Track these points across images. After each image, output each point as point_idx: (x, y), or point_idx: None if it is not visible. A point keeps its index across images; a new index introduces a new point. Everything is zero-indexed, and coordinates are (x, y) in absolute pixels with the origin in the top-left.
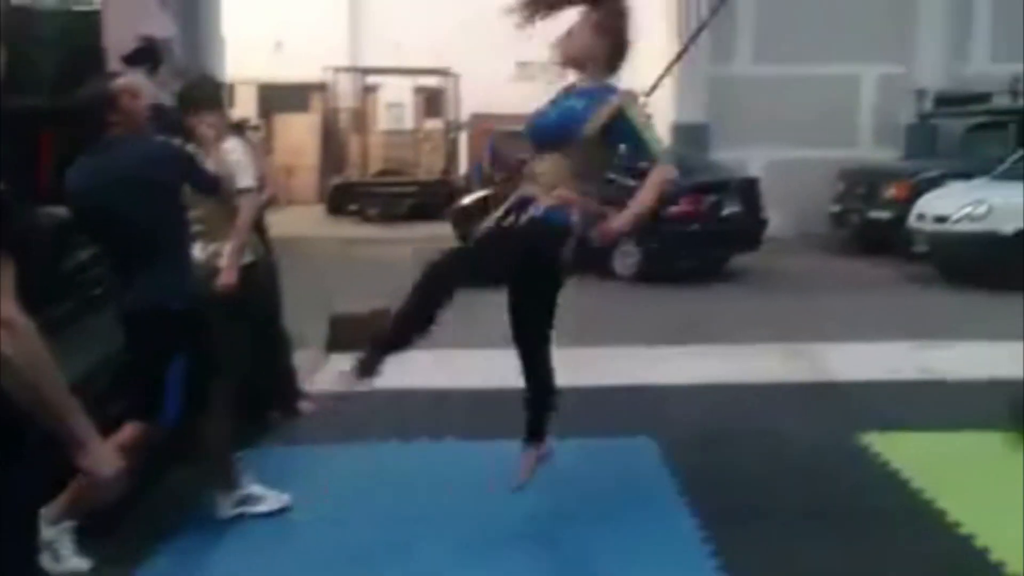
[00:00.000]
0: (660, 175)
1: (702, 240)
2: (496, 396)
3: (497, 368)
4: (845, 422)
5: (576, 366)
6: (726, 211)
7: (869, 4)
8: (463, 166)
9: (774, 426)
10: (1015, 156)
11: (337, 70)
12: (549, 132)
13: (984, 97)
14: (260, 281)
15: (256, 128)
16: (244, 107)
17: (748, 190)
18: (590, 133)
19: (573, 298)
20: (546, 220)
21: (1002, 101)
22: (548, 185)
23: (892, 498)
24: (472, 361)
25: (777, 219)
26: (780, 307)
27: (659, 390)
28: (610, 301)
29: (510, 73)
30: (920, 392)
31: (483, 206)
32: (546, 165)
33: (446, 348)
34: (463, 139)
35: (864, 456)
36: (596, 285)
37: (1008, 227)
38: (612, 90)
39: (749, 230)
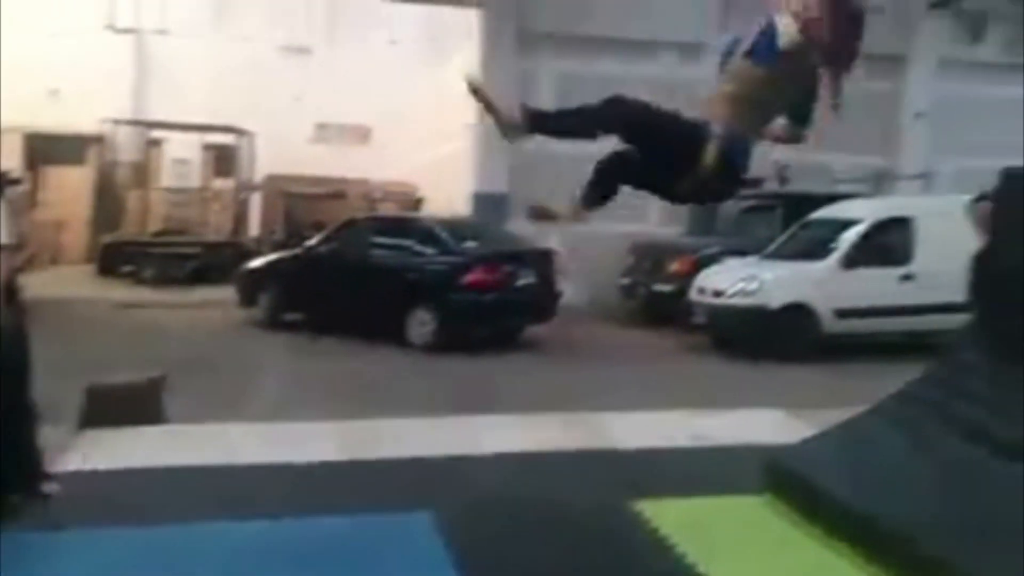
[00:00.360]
0: None
1: (497, 309)
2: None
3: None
4: (620, 489)
5: (358, 438)
6: (521, 281)
7: (656, 91)
8: (254, 228)
9: (552, 495)
10: (781, 237)
11: (117, 122)
12: None
13: (756, 182)
14: (4, 349)
15: (17, 181)
16: (8, 158)
17: (543, 261)
18: None
19: (362, 367)
20: None
21: (771, 186)
22: None
23: (659, 564)
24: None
25: (570, 290)
26: (568, 377)
27: (441, 462)
28: (401, 371)
29: (308, 134)
30: (691, 458)
31: (272, 270)
32: None
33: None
34: (255, 200)
35: (635, 522)
36: (388, 354)
37: (775, 302)
38: None
39: (543, 300)
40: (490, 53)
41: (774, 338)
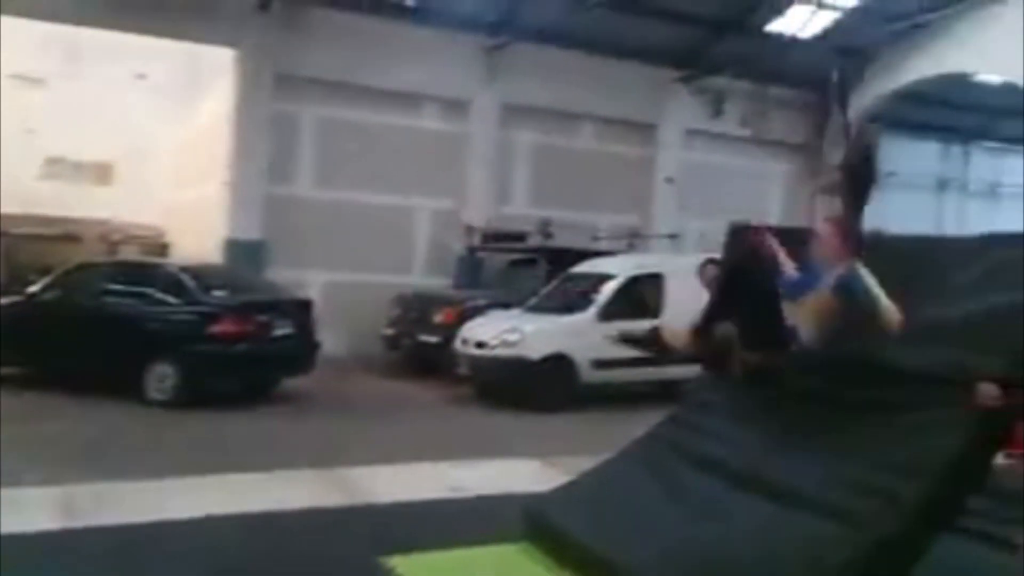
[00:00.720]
0: None
1: (249, 361)
2: None
3: None
4: (374, 545)
5: (78, 504)
6: (277, 332)
7: (424, 145)
8: None
9: (298, 555)
10: (544, 290)
11: None
12: None
13: (521, 236)
14: None
15: None
16: None
17: (301, 311)
18: None
19: (86, 426)
20: None
21: (535, 240)
22: None
23: None
24: None
25: (332, 341)
26: (326, 431)
27: (172, 526)
28: (135, 429)
29: (38, 170)
30: (448, 510)
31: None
32: None
33: None
34: None
35: None
36: (123, 411)
37: (535, 353)
38: None
39: (301, 352)
40: (244, 95)
41: (535, 388)
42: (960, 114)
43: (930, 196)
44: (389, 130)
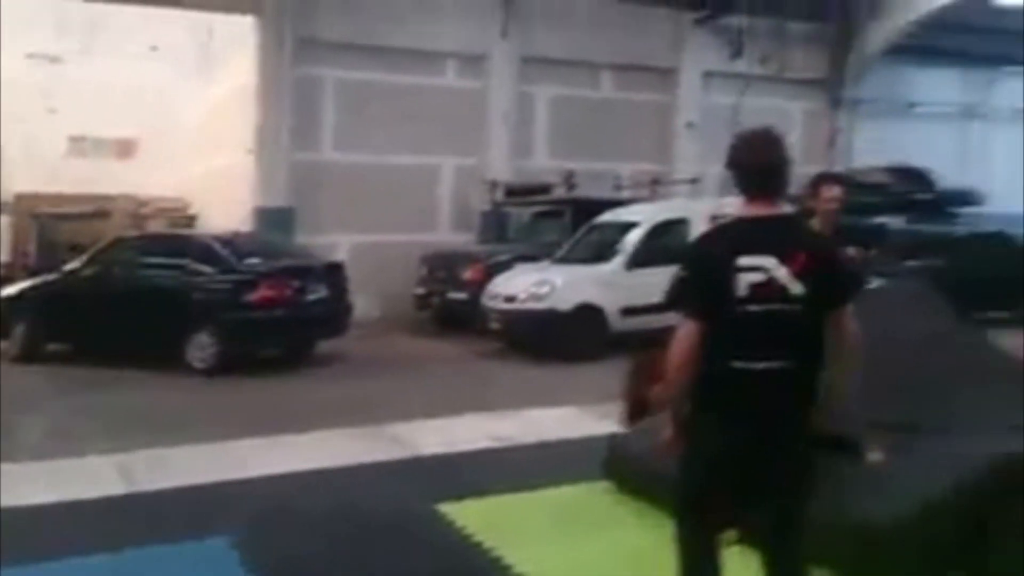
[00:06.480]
0: None
1: (286, 326)
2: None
3: None
4: (425, 494)
5: (143, 469)
6: (311, 296)
7: (444, 103)
8: (3, 253)
9: (357, 505)
10: (571, 241)
11: None
12: None
13: (545, 188)
14: None
15: None
16: None
17: (333, 274)
18: None
19: (139, 396)
20: None
21: (559, 192)
22: None
23: (469, 561)
24: None
25: (363, 302)
26: (366, 390)
27: (235, 485)
28: (183, 397)
29: (63, 149)
30: (491, 458)
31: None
32: None
33: None
34: (3, 221)
35: (441, 524)
36: (168, 380)
37: (565, 304)
38: None
39: (335, 315)
40: (266, 61)
41: (565, 339)
42: (981, 39)
43: (954, 126)
44: (409, 90)
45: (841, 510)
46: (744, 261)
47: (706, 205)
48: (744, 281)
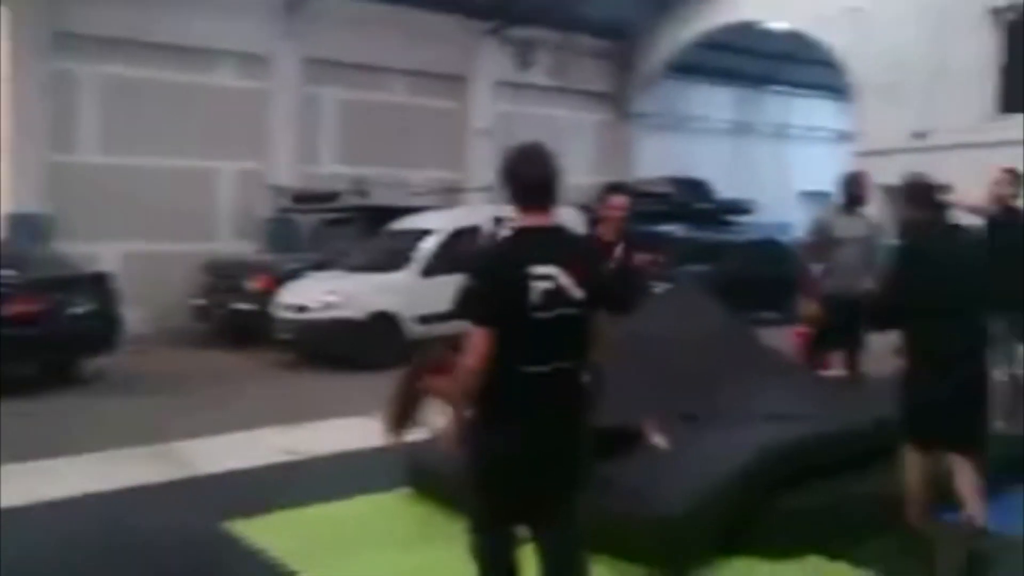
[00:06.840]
0: None
1: (42, 344)
2: None
3: None
4: (213, 513)
5: None
6: (72, 310)
7: (222, 104)
8: None
9: (139, 529)
10: (364, 248)
11: None
12: None
13: (335, 195)
14: None
15: None
16: None
17: (99, 286)
18: None
19: None
20: None
21: (350, 199)
22: None
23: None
24: None
25: (136, 315)
26: (143, 408)
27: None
28: None
29: None
30: (283, 473)
31: None
32: None
33: None
34: None
35: (227, 542)
36: None
37: (360, 313)
38: None
39: (102, 329)
40: (18, 54)
41: (360, 348)
42: (751, 60)
43: (727, 140)
44: (182, 89)
45: (626, 498)
46: (535, 270)
47: (503, 212)
48: (537, 289)
